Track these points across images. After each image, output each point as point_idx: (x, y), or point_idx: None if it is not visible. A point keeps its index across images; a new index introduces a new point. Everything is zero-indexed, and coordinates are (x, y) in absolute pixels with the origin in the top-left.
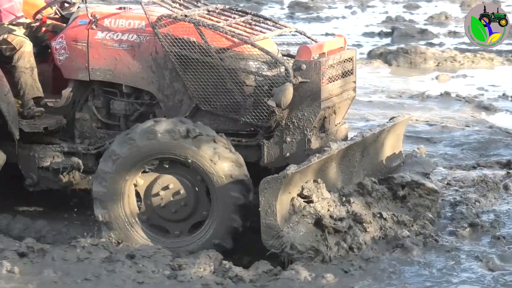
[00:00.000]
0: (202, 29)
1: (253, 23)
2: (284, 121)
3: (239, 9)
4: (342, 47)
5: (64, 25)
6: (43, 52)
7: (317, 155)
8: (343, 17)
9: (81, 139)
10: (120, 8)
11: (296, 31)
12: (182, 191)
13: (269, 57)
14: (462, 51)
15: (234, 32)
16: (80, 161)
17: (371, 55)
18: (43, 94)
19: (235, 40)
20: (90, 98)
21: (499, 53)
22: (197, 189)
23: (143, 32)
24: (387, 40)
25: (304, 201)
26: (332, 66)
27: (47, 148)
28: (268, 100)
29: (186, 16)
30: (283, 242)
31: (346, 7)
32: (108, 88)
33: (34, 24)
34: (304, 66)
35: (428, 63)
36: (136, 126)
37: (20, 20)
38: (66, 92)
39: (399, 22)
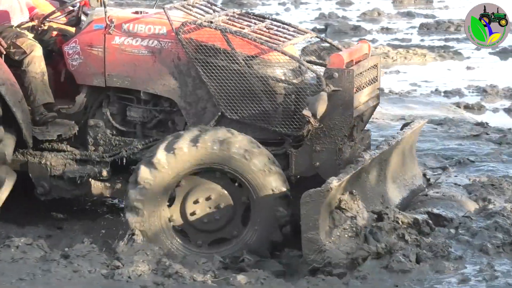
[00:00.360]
0: (228, 36)
1: (275, 28)
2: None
3: (257, 14)
4: (366, 54)
5: (73, 29)
6: (48, 57)
7: (352, 165)
8: (277, 14)
9: (94, 147)
10: (136, 12)
11: (317, 37)
12: (222, 205)
13: (297, 64)
14: (394, 47)
15: (261, 39)
16: (96, 169)
17: (305, 52)
18: (53, 100)
19: (263, 47)
20: (104, 104)
21: (431, 49)
22: (236, 207)
23: (165, 38)
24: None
25: (343, 214)
26: (361, 74)
27: (59, 156)
28: (303, 110)
29: (211, 22)
30: (326, 256)
31: (279, 3)
32: (124, 95)
33: (40, 28)
34: (336, 75)
35: None
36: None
37: (25, 24)
38: (80, 98)
39: (332, 18)
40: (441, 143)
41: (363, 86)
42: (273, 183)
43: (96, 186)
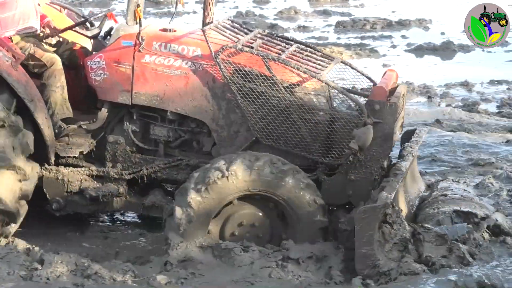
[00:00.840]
0: (269, 62)
1: (305, 53)
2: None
3: (280, 35)
4: (395, 82)
5: (86, 41)
6: None
7: (393, 178)
8: (194, 12)
9: (112, 163)
10: (164, 30)
11: (342, 62)
12: (257, 224)
13: (328, 92)
14: None
15: (301, 66)
16: (115, 186)
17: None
18: (72, 115)
19: (302, 74)
20: (125, 120)
21: (348, 46)
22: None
23: (199, 60)
24: None
25: (392, 228)
26: (399, 105)
27: (76, 172)
28: (350, 142)
29: (251, 47)
30: (380, 271)
31: (196, 2)
32: (147, 112)
33: (55, 40)
34: (377, 107)
35: None
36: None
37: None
38: (102, 114)
39: (249, 17)
40: None
41: (398, 117)
42: (318, 216)
43: (112, 201)
